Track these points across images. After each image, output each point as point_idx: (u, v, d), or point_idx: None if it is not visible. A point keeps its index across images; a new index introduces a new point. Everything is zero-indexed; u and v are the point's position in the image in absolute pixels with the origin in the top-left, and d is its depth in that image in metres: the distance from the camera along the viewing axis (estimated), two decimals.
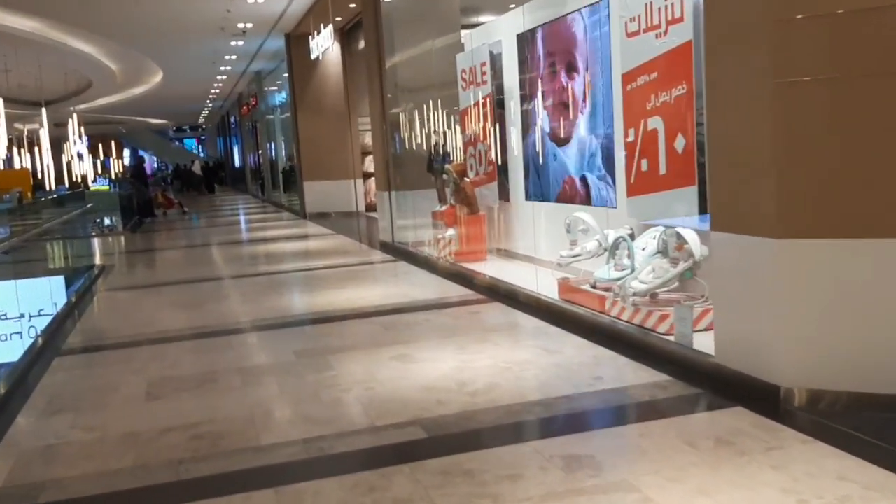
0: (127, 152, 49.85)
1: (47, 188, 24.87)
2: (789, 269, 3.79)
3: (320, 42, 14.85)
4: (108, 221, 19.58)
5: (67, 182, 30.33)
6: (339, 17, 14.91)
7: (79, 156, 27.44)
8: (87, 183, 28.75)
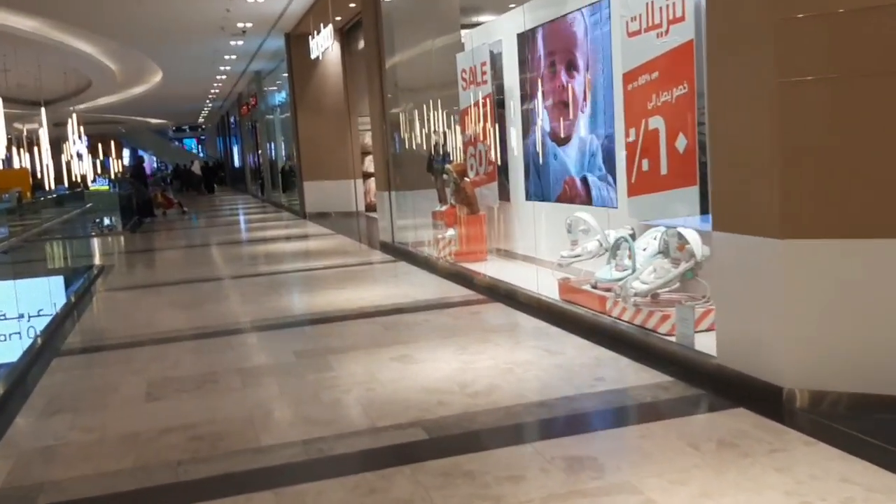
0: (126, 152, 49.84)
1: (47, 188, 24.84)
2: (791, 269, 3.77)
3: (320, 42, 14.84)
4: (107, 221, 19.56)
5: (67, 182, 30.30)
6: (338, 17, 14.90)
7: (78, 156, 27.41)
8: (87, 183, 28.71)
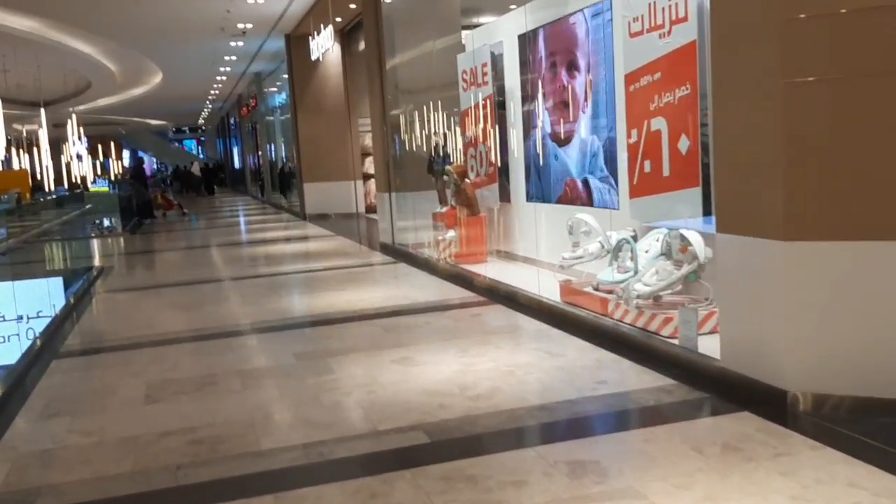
0: (126, 153, 49.81)
1: (46, 189, 24.81)
2: (795, 271, 3.74)
3: (320, 43, 14.82)
4: (107, 223, 19.53)
5: (67, 183, 30.28)
6: (339, 18, 14.88)
7: (78, 157, 27.41)
8: (87, 184, 28.70)
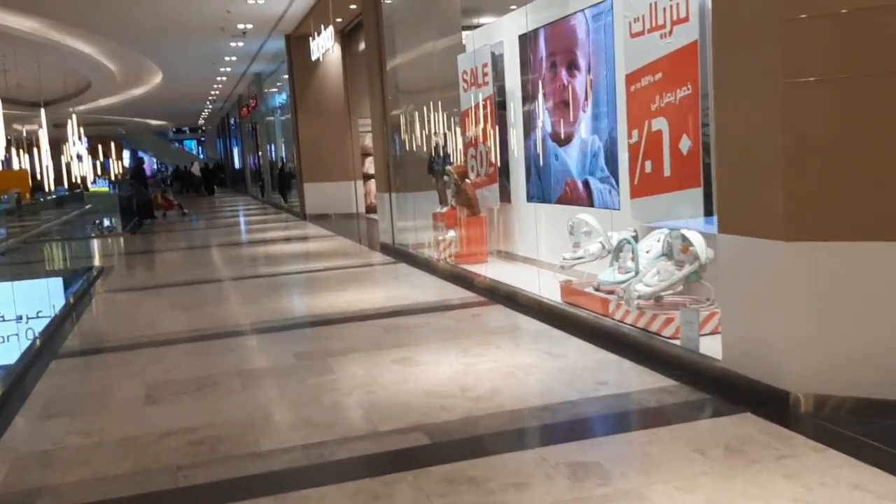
0: (127, 153, 49.79)
1: (46, 189, 24.80)
2: (798, 271, 3.73)
3: (321, 43, 14.79)
4: (107, 223, 19.52)
5: (67, 183, 30.26)
6: (339, 19, 14.87)
7: (78, 157, 27.39)
8: (87, 184, 28.68)
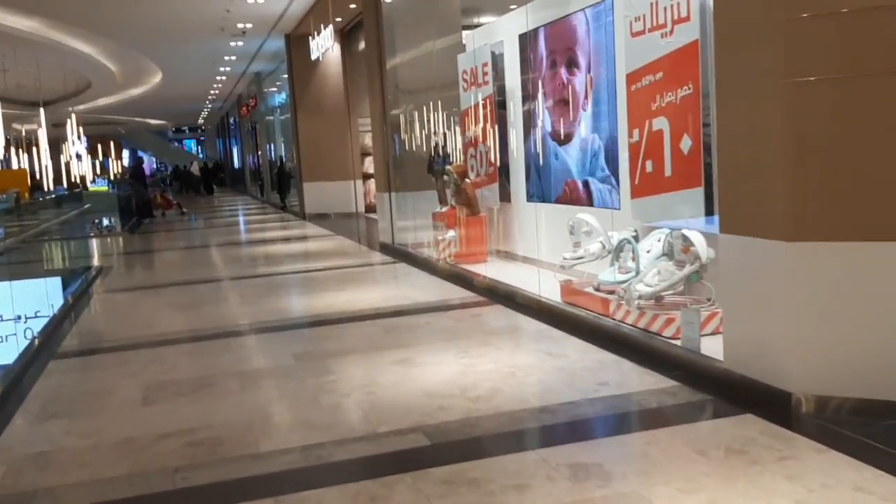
0: (126, 153, 49.75)
1: (45, 189, 24.77)
2: (799, 272, 3.70)
3: (320, 43, 14.77)
4: (106, 222, 19.49)
5: (66, 183, 30.24)
6: (339, 18, 14.84)
7: (77, 156, 27.36)
8: (86, 183, 28.64)
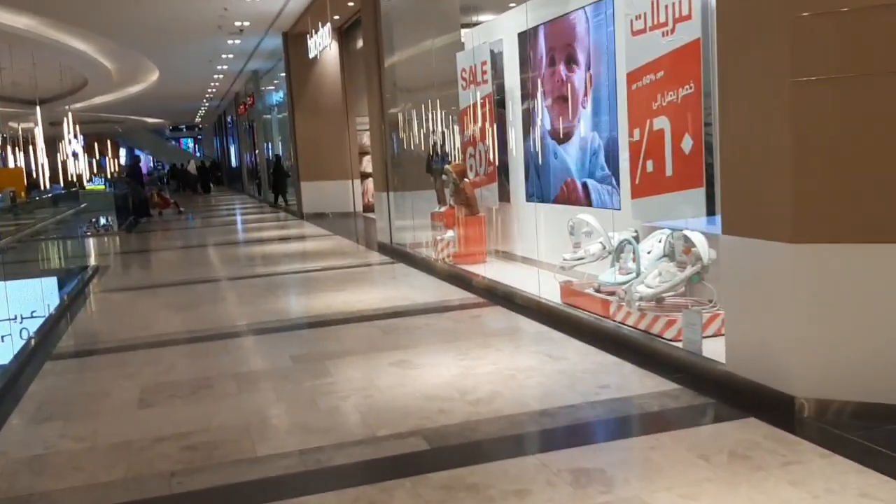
0: (123, 152, 49.64)
1: (42, 187, 24.67)
2: (804, 274, 3.67)
3: (318, 41, 14.70)
4: (103, 221, 19.41)
5: (63, 181, 30.12)
6: (337, 16, 14.78)
7: (74, 155, 27.23)
8: (83, 182, 28.51)
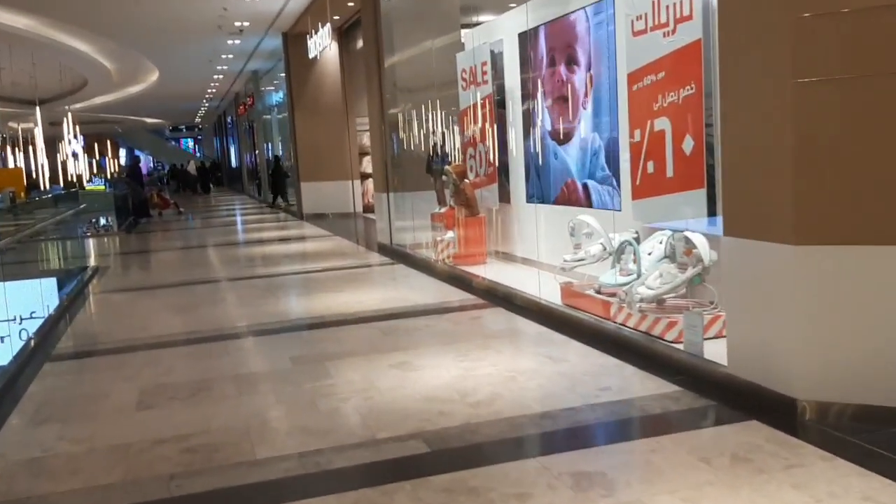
0: (123, 152, 49.62)
1: (42, 188, 24.65)
2: (806, 276, 3.65)
3: (318, 41, 14.68)
4: (103, 222, 19.39)
5: (62, 182, 30.10)
6: (337, 16, 14.76)
7: (74, 155, 27.22)
8: (83, 183, 28.50)
